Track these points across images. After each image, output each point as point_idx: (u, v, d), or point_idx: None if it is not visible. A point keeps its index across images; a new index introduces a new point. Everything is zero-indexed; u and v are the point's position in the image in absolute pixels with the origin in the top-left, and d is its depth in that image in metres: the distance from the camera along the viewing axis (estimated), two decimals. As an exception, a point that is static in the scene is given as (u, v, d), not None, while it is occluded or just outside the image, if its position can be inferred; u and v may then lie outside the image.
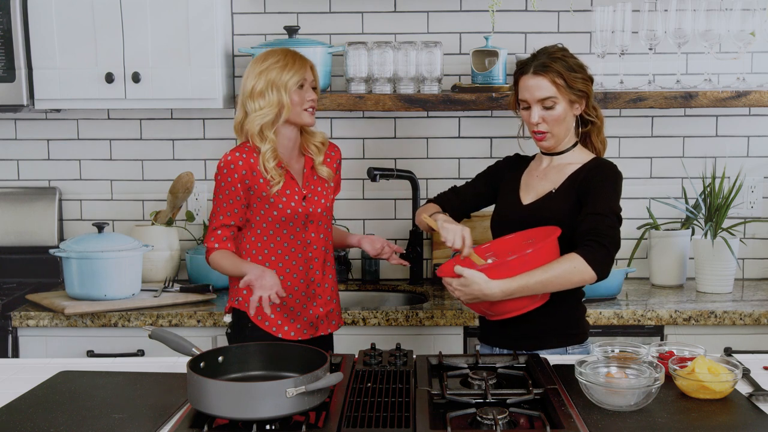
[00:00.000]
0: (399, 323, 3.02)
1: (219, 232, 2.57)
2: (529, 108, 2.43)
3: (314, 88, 2.61)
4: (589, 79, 2.46)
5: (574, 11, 3.31)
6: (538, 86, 2.40)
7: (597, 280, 2.31)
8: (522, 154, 2.66)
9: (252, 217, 2.58)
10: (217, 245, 2.57)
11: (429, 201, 2.71)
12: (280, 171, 2.56)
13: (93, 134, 3.56)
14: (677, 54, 3.23)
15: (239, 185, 2.54)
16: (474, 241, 2.43)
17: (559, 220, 2.38)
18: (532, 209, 2.46)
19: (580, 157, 2.49)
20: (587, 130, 2.54)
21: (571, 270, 2.27)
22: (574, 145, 2.50)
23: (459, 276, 2.28)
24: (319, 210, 2.63)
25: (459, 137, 3.53)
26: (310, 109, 2.59)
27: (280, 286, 2.38)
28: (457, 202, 2.67)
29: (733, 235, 3.30)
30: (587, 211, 2.35)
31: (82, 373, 2.24)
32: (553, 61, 2.41)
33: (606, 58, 3.23)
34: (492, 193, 2.64)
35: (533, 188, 2.51)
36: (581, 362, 2.01)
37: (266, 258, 2.59)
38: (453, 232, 2.39)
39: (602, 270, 2.29)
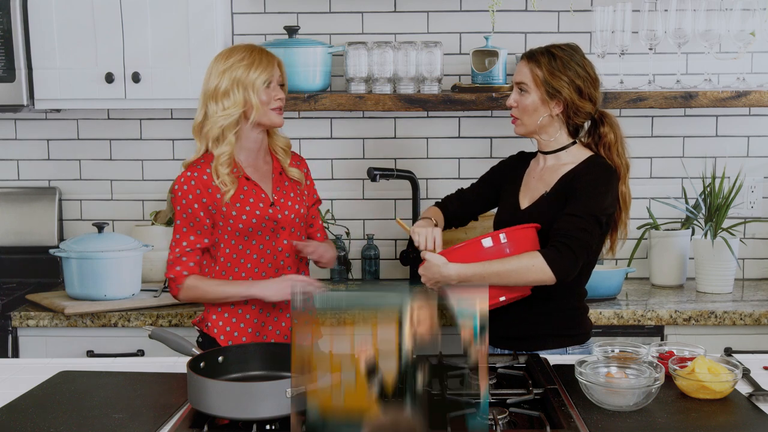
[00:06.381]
0: (399, 323, 3.01)
1: (184, 259, 2.40)
2: None
3: (282, 86, 2.46)
4: (578, 90, 2.39)
5: (574, 11, 3.31)
6: (519, 70, 2.46)
7: (557, 283, 2.27)
8: (527, 151, 2.66)
9: (220, 236, 2.44)
10: (185, 272, 2.40)
11: (435, 204, 2.71)
12: (232, 178, 2.39)
13: (93, 134, 3.56)
14: (677, 54, 3.23)
15: (196, 205, 2.39)
16: (449, 241, 2.44)
17: (552, 224, 2.35)
18: (527, 213, 2.45)
19: (576, 156, 2.46)
20: (598, 143, 2.49)
21: (529, 267, 2.25)
22: (570, 145, 2.47)
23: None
24: (292, 216, 2.48)
25: (459, 137, 3.53)
26: (278, 109, 2.44)
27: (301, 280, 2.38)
28: (461, 207, 2.67)
29: (733, 235, 3.30)
30: (566, 211, 2.33)
31: (82, 373, 2.24)
32: (542, 54, 2.43)
33: (606, 58, 3.23)
34: (495, 196, 2.63)
35: (530, 191, 2.50)
36: (581, 362, 2.01)
37: (236, 276, 2.45)
38: (423, 235, 2.40)
39: (562, 273, 2.26)
